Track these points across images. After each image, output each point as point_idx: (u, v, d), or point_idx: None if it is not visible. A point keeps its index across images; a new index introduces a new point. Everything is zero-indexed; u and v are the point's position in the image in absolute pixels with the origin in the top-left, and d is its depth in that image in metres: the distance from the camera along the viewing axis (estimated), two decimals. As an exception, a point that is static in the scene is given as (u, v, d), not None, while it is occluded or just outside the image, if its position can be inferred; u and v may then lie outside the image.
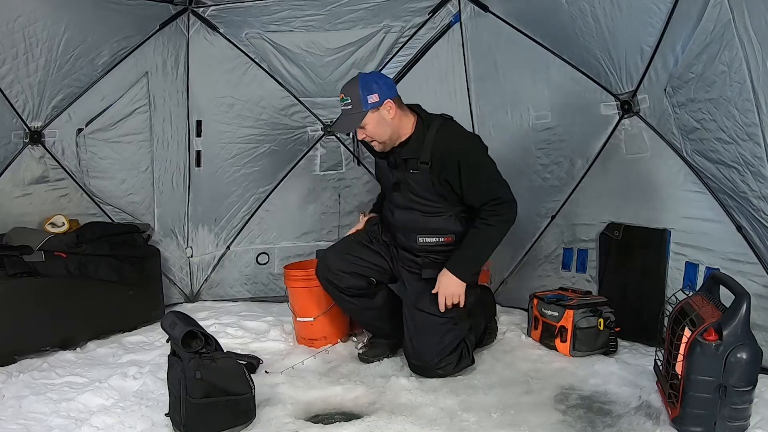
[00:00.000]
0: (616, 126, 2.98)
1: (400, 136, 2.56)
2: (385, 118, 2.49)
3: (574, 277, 3.24)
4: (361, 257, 2.74)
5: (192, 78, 3.68)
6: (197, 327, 2.12)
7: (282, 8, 3.48)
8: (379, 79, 2.54)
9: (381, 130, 2.51)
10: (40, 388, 2.46)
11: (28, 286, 2.85)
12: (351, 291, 2.72)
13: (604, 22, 2.71)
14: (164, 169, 3.67)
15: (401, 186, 2.59)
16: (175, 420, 2.09)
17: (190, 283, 3.87)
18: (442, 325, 2.53)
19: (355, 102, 2.47)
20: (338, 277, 2.70)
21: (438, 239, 2.61)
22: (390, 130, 2.52)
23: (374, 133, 2.51)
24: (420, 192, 2.55)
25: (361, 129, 2.51)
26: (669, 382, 2.09)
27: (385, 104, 2.47)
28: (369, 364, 2.74)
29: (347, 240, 2.86)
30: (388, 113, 2.49)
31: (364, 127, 2.50)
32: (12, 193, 3.28)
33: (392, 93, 2.52)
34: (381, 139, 2.54)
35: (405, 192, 2.59)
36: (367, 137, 2.54)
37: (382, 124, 2.49)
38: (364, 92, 2.46)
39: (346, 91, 2.51)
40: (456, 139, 2.54)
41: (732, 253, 2.49)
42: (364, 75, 2.57)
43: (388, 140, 2.55)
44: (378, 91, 2.47)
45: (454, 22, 3.47)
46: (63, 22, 3.10)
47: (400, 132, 2.55)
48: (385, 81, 2.57)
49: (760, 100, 2.06)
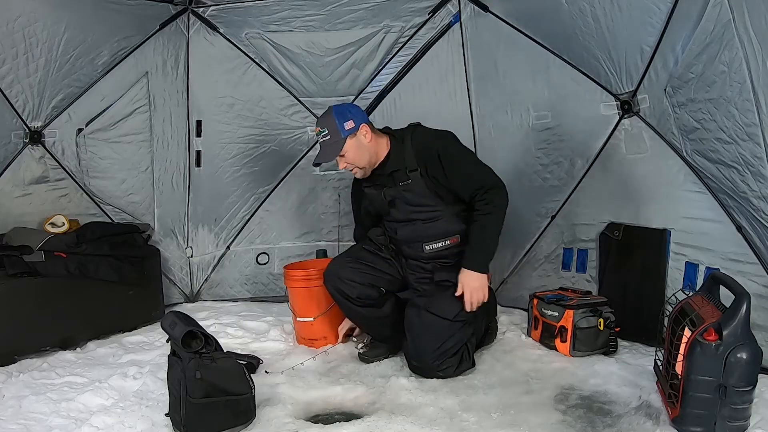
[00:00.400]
0: (616, 126, 2.98)
1: (378, 158, 2.64)
2: (363, 143, 2.57)
3: (574, 277, 3.24)
4: (373, 266, 2.74)
5: (192, 78, 3.68)
6: (197, 327, 2.12)
7: (282, 8, 3.49)
8: (351, 108, 2.67)
9: (360, 155, 2.59)
10: (40, 388, 2.46)
11: (28, 286, 2.85)
12: (361, 301, 2.70)
13: (604, 22, 2.71)
14: (164, 169, 3.67)
15: (396, 202, 2.64)
16: (175, 420, 2.09)
17: (190, 283, 3.87)
18: (449, 328, 2.53)
19: (333, 131, 2.55)
20: (349, 286, 2.68)
21: (444, 243, 2.63)
22: (368, 154, 2.60)
23: (354, 158, 2.59)
24: (416, 200, 2.59)
25: (342, 157, 2.58)
26: (669, 382, 2.09)
27: (361, 129, 2.56)
28: (369, 364, 2.73)
29: (356, 248, 2.87)
30: (365, 137, 2.57)
31: (344, 154, 2.57)
32: (12, 193, 3.28)
33: (365, 118, 2.63)
34: (361, 164, 2.61)
35: (402, 206, 2.64)
36: (348, 165, 2.62)
37: (360, 148, 2.57)
38: (339, 120, 2.54)
39: (321, 123, 2.59)
40: (431, 136, 2.62)
41: (732, 253, 2.49)
42: (336, 106, 2.66)
43: (367, 165, 2.63)
44: (353, 118, 2.57)
45: (454, 22, 3.48)
46: (63, 22, 3.10)
47: (377, 155, 2.63)
48: (356, 109, 2.68)
49: (760, 100, 2.06)
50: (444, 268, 2.64)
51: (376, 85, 3.70)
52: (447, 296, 2.57)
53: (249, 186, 3.86)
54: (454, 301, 2.55)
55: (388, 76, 3.66)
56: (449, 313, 2.53)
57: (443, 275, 2.63)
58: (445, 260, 2.65)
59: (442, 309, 2.54)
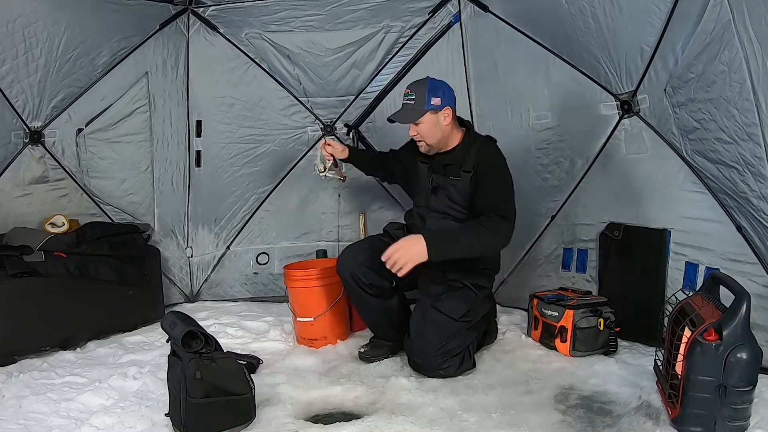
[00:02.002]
0: (616, 126, 2.98)
1: (447, 144, 2.69)
2: (440, 123, 2.61)
3: (574, 277, 3.24)
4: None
5: (192, 78, 3.68)
6: (197, 327, 2.12)
7: (282, 8, 3.49)
8: (445, 87, 2.65)
9: (433, 133, 2.62)
10: (40, 388, 2.46)
11: (28, 286, 2.85)
12: (372, 288, 2.70)
13: (604, 22, 2.71)
14: (164, 169, 3.67)
15: (439, 191, 2.69)
16: (175, 420, 2.09)
17: (190, 283, 3.87)
18: (454, 327, 2.54)
19: (419, 99, 2.58)
20: (364, 271, 2.67)
21: None
22: (441, 135, 2.64)
23: (426, 133, 2.62)
24: (457, 198, 2.64)
25: (416, 126, 2.62)
26: (669, 382, 2.09)
27: (445, 110, 2.60)
28: (369, 363, 2.73)
29: (374, 238, 2.89)
30: (444, 119, 2.61)
31: (419, 124, 2.61)
32: (12, 193, 3.28)
33: (453, 103, 2.65)
34: (430, 141, 2.65)
35: (442, 197, 2.68)
36: (418, 135, 2.65)
37: (436, 126, 2.61)
38: (429, 93, 2.57)
39: (412, 87, 2.63)
40: (496, 155, 2.66)
41: (732, 253, 2.49)
42: (433, 79, 2.66)
43: (435, 144, 2.67)
44: (442, 96, 2.60)
45: (454, 22, 3.48)
46: (63, 22, 3.10)
47: (448, 140, 2.68)
48: (450, 91, 2.68)
49: (760, 100, 2.06)
50: (457, 268, 2.65)
51: (376, 85, 3.70)
52: (455, 296, 2.61)
53: (249, 186, 3.86)
54: (461, 301, 2.60)
55: (388, 76, 3.66)
56: (456, 313, 2.56)
57: (456, 275, 2.66)
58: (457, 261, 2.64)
59: (449, 308, 2.56)
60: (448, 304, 2.57)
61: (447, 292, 2.63)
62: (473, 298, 2.65)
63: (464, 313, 2.57)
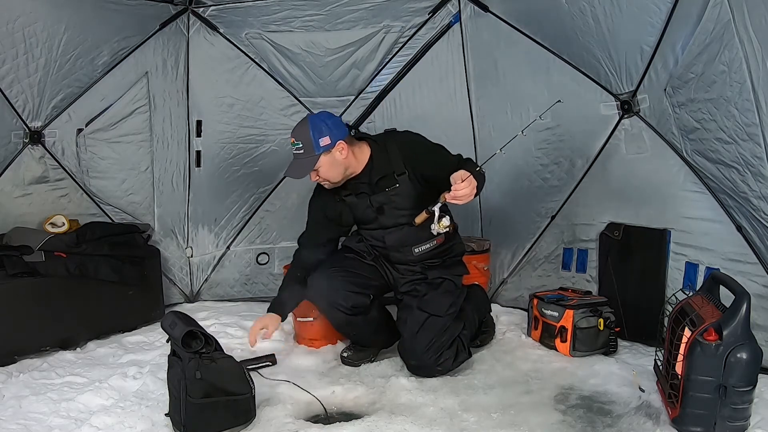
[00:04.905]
0: (616, 126, 2.98)
1: (355, 169, 2.59)
2: (337, 159, 2.50)
3: (574, 277, 3.24)
4: (360, 273, 2.71)
5: (192, 78, 3.68)
6: (197, 327, 2.12)
7: (282, 8, 3.48)
8: (328, 120, 2.54)
9: (334, 171, 2.52)
10: (40, 388, 2.46)
11: (28, 286, 2.85)
12: (354, 310, 2.66)
13: (604, 22, 2.71)
14: (164, 169, 3.66)
15: (385, 208, 2.61)
16: (175, 420, 2.09)
17: (190, 283, 3.86)
18: (441, 323, 2.55)
19: (307, 146, 2.46)
20: (344, 296, 2.62)
21: (432, 243, 2.65)
22: (343, 168, 2.54)
23: (327, 174, 2.52)
24: (405, 204, 2.57)
25: (314, 171, 2.51)
26: (669, 382, 2.09)
27: (337, 146, 2.48)
28: (357, 367, 2.72)
29: (339, 257, 2.78)
30: (340, 154, 2.49)
31: (317, 170, 2.50)
32: (12, 193, 3.27)
33: (343, 133, 2.53)
34: (335, 179, 2.56)
35: (390, 211, 2.61)
36: (320, 179, 2.56)
37: (334, 165, 2.50)
38: (315, 135, 2.45)
39: (296, 134, 2.50)
40: (409, 139, 2.62)
41: (732, 253, 2.49)
42: (313, 117, 2.57)
43: (342, 179, 2.57)
44: (329, 133, 2.47)
45: (454, 22, 3.47)
46: (63, 22, 3.09)
47: (354, 166, 2.58)
48: (335, 121, 2.57)
49: (760, 100, 2.07)
50: (434, 267, 2.67)
51: (376, 85, 3.69)
52: (438, 293, 2.62)
53: (249, 186, 3.85)
54: (444, 296, 2.61)
55: (388, 76, 3.65)
56: (441, 310, 2.57)
57: (436, 273, 2.66)
58: (432, 260, 2.68)
59: (434, 307, 2.57)
60: (433, 304, 2.57)
61: (430, 291, 2.62)
62: (454, 287, 2.67)
63: (448, 306, 2.59)
